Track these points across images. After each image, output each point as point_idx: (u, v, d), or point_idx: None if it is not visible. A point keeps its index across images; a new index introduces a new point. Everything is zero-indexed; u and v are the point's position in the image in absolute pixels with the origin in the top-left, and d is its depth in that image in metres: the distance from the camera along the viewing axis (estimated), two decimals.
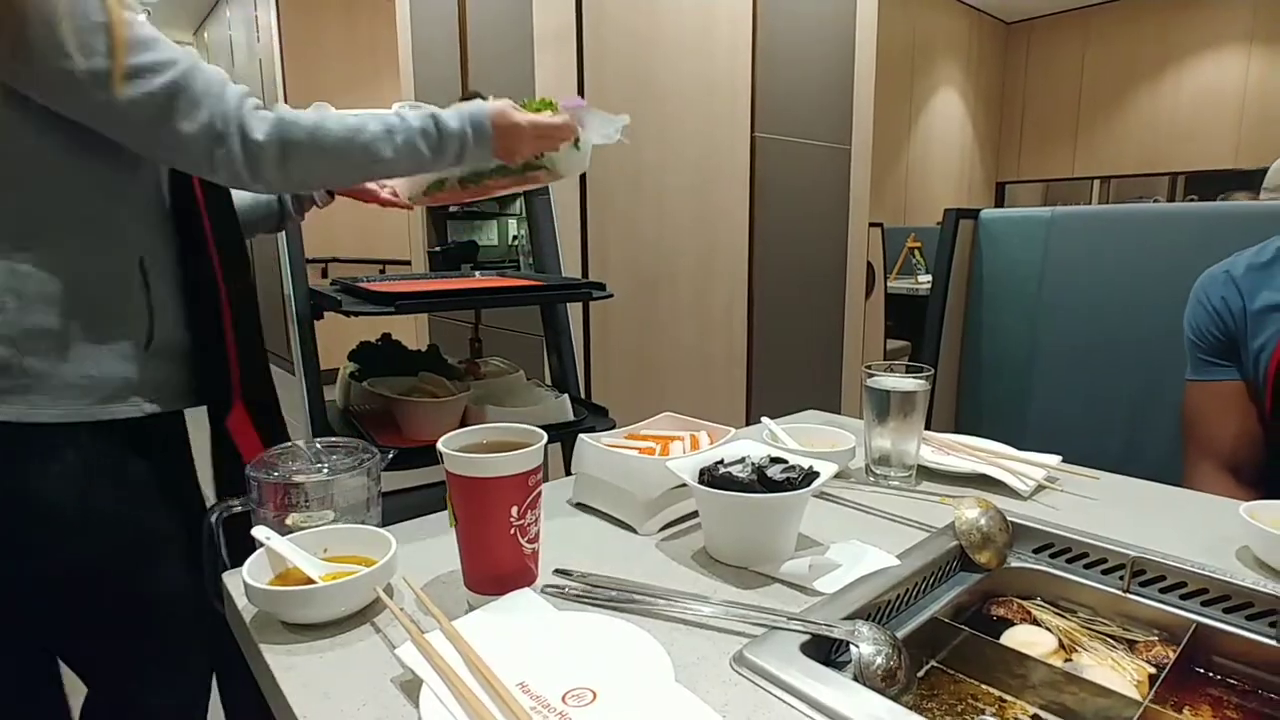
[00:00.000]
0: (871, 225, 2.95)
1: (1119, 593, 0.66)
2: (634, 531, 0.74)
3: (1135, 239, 1.31)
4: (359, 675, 0.51)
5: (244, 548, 0.63)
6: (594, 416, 1.24)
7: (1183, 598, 0.63)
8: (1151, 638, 0.63)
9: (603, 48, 2.06)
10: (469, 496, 0.57)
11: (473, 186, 0.98)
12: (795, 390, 2.66)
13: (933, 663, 0.62)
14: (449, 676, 0.47)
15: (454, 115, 0.84)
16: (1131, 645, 0.62)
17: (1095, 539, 0.69)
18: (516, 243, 3.00)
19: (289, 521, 0.70)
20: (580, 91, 2.06)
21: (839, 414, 1.17)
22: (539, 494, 0.59)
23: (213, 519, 0.76)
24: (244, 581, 0.57)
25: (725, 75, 2.26)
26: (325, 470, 0.74)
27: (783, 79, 2.40)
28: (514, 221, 3.03)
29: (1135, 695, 0.54)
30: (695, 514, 0.74)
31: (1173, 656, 0.58)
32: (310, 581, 0.59)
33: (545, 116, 0.88)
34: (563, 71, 2.04)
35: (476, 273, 1.58)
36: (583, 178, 2.10)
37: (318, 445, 0.79)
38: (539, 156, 0.91)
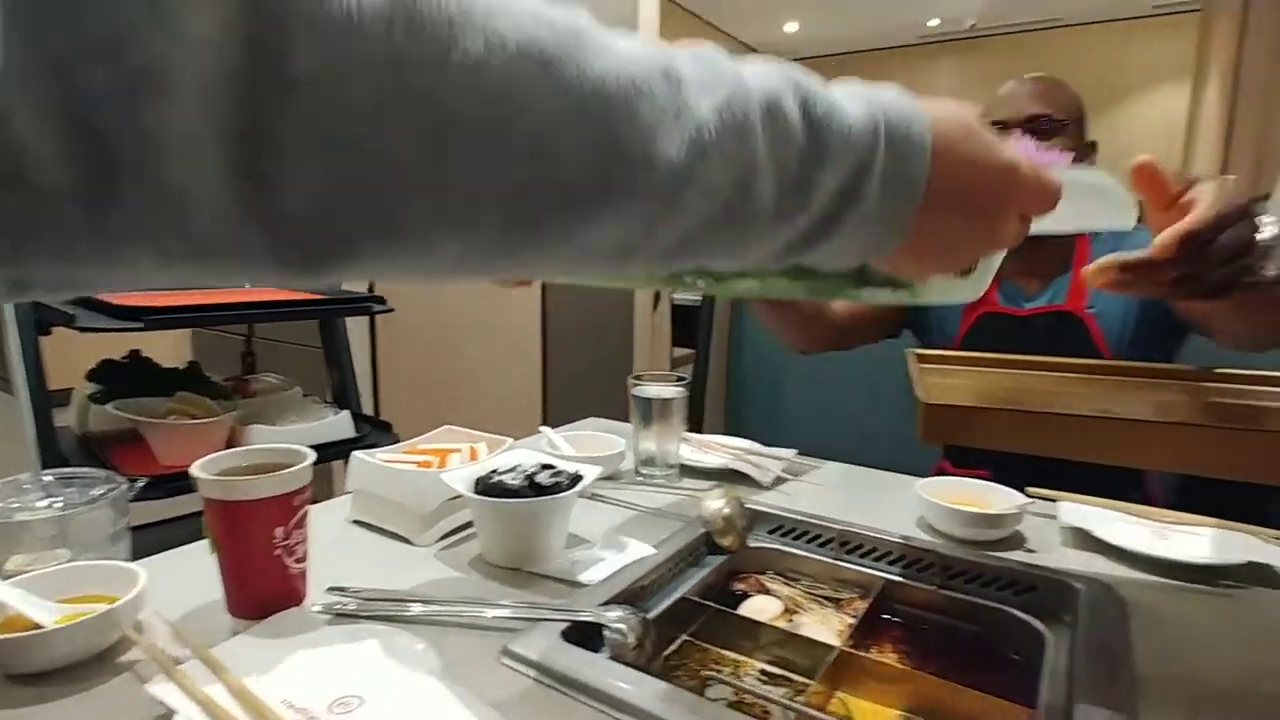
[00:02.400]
0: None
1: (831, 561, 0.79)
2: (412, 544, 0.75)
3: None
4: None
5: None
6: (377, 432, 1.23)
7: (876, 560, 0.78)
8: (853, 595, 0.77)
9: None
10: (228, 521, 0.56)
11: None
12: (590, 398, 2.76)
13: (684, 637, 0.70)
14: (206, 704, 0.46)
15: (850, 96, 0.34)
16: (839, 603, 0.76)
17: (816, 518, 0.83)
18: None
19: (9, 566, 0.64)
20: None
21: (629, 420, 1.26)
22: (305, 513, 0.60)
23: None
24: None
25: None
26: (58, 505, 0.68)
27: None
28: None
29: (836, 643, 0.66)
30: (472, 523, 0.77)
31: (865, 608, 0.72)
32: (38, 627, 0.54)
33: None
34: None
35: (246, 283, 1.48)
36: None
37: (48, 477, 0.71)
38: None
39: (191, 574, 0.67)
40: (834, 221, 0.34)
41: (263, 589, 0.58)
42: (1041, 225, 0.48)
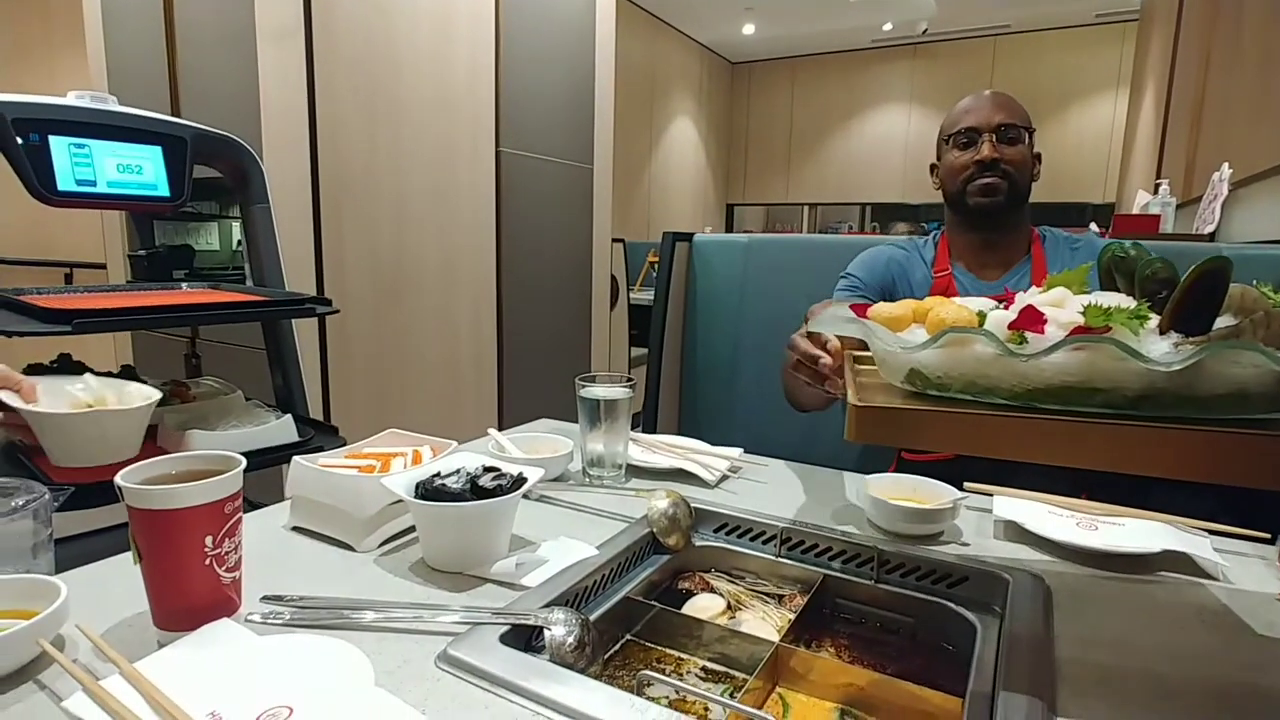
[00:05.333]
0: (614, 241, 3.15)
1: (773, 558, 0.81)
2: (353, 550, 0.74)
3: (806, 261, 1.57)
4: None
5: None
6: (322, 436, 1.20)
7: (817, 556, 0.80)
8: (795, 591, 0.78)
9: (334, 47, 1.97)
10: (154, 531, 0.54)
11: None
12: (546, 397, 2.75)
13: (628, 636, 0.71)
14: None
15: None
16: (780, 599, 0.77)
17: (759, 516, 0.84)
18: (242, 248, 2.74)
19: None
20: (310, 93, 1.95)
21: None
22: (238, 520, 0.58)
23: None
24: None
25: (465, 89, 2.28)
26: None
27: (525, 99, 2.48)
28: (238, 225, 2.76)
29: (776, 639, 0.67)
30: (414, 527, 0.77)
31: (804, 604, 0.73)
32: None
33: None
34: (289, 71, 1.92)
35: (184, 285, 1.44)
36: (315, 182, 1.99)
37: None
38: None
39: (119, 585, 0.65)
40: None
41: (192, 600, 0.56)
42: None
